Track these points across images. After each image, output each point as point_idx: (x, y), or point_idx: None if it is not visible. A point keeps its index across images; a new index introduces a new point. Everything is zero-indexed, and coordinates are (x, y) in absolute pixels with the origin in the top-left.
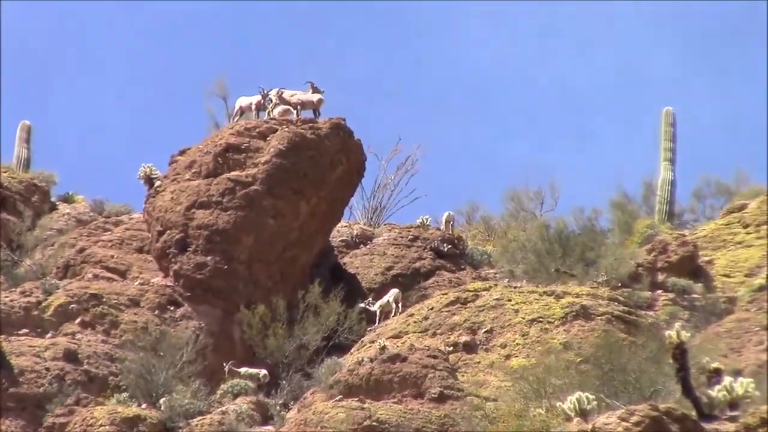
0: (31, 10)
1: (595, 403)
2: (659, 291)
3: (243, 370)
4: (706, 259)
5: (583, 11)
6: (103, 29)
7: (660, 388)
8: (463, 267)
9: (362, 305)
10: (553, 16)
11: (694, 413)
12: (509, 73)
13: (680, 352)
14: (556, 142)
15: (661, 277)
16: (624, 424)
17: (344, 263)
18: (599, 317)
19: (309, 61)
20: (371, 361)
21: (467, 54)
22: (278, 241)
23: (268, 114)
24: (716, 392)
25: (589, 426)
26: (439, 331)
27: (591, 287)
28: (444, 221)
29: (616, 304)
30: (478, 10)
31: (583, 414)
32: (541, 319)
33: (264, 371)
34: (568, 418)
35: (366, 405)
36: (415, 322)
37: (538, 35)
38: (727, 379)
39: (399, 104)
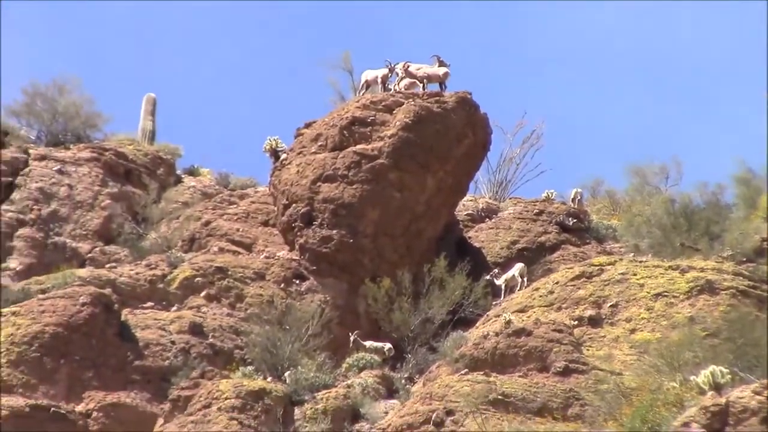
0: None
1: (729, 377)
2: None
3: (368, 343)
4: None
5: None
6: (230, 2)
7: None
8: (588, 241)
9: (488, 277)
10: None
11: None
12: (633, 40)
13: None
14: (681, 115)
15: None
16: (758, 397)
17: (469, 237)
18: (724, 291)
19: (435, 35)
20: (496, 335)
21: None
22: (404, 214)
23: (395, 87)
24: None
25: (724, 399)
26: (564, 306)
27: (716, 261)
28: (571, 198)
29: (741, 278)
30: None
31: (717, 388)
32: (666, 294)
33: (389, 345)
34: (702, 392)
35: (491, 379)
36: (540, 296)
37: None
38: None
39: (524, 77)
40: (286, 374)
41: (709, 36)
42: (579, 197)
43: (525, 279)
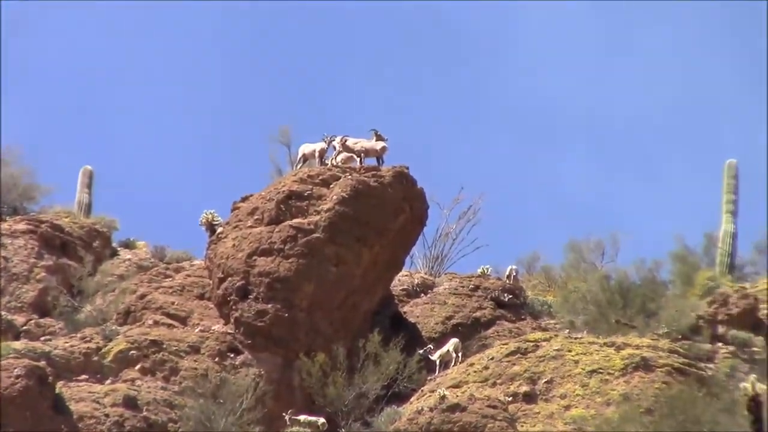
0: (92, 53)
1: None
2: (719, 343)
3: (302, 417)
4: (767, 312)
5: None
6: (166, 73)
7: None
8: (523, 317)
9: (421, 352)
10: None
11: None
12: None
13: (755, 404)
14: (619, 187)
15: (721, 329)
16: None
17: (405, 312)
18: (659, 369)
19: (372, 108)
20: (431, 410)
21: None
22: (340, 288)
23: (332, 161)
24: None
25: None
26: (499, 381)
27: (651, 339)
28: (507, 275)
29: (677, 356)
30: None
31: None
32: (601, 370)
33: (323, 419)
34: None
35: None
36: (475, 371)
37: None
38: None
39: (462, 148)
40: None
41: (651, 98)
42: (515, 274)
43: (460, 354)
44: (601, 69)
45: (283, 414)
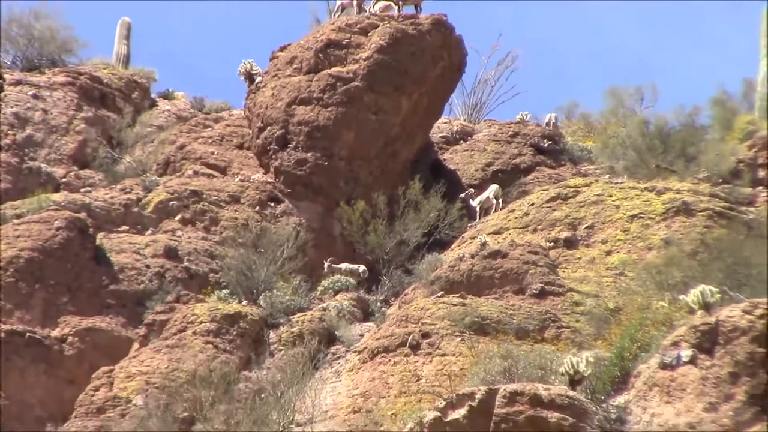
0: None
1: (719, 296)
2: (760, 187)
3: (343, 265)
4: None
5: None
6: None
7: None
8: (563, 163)
9: (462, 196)
10: None
11: None
12: None
13: None
14: (658, 36)
15: (761, 173)
16: (748, 317)
17: (444, 159)
18: (700, 213)
19: None
20: (472, 257)
21: None
22: (379, 137)
23: (370, 9)
24: None
25: (713, 319)
26: (539, 227)
27: (692, 183)
28: (546, 122)
29: (717, 200)
30: None
31: (707, 307)
32: (642, 215)
33: (363, 267)
34: (692, 311)
35: (467, 301)
36: (515, 218)
37: None
38: None
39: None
40: (262, 297)
41: None
42: (554, 120)
43: (500, 201)
44: None
45: (323, 261)
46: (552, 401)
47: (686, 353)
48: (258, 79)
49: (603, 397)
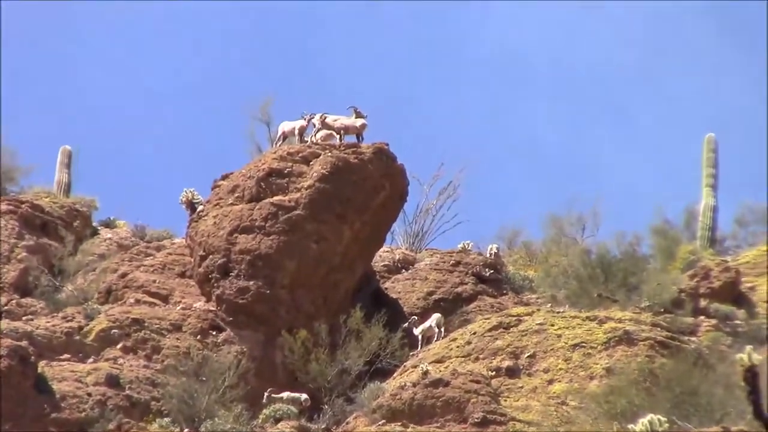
0: (73, 34)
1: (667, 425)
2: (702, 317)
3: (285, 394)
4: (749, 285)
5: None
6: (144, 52)
7: (731, 411)
8: (505, 292)
9: (406, 325)
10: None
11: None
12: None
13: (751, 375)
14: (599, 155)
15: (703, 303)
16: None
17: (386, 288)
18: (642, 342)
19: (353, 86)
20: (414, 385)
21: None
22: (321, 265)
23: (312, 138)
24: None
25: None
26: (481, 356)
27: (634, 312)
28: (488, 253)
29: (659, 329)
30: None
31: None
32: (584, 344)
33: (305, 395)
34: None
35: (409, 430)
36: (457, 346)
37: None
38: None
39: (442, 125)
40: (203, 426)
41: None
42: (495, 251)
43: (442, 329)
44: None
45: (264, 392)
46: None
47: None
48: (200, 207)
49: None
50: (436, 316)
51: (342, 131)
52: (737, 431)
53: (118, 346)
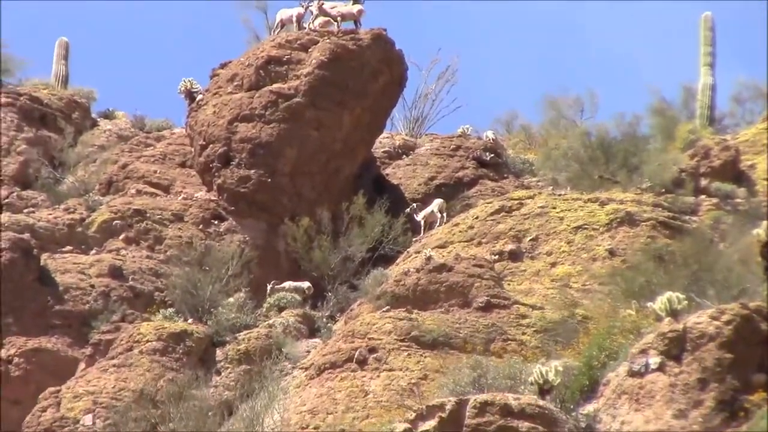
0: None
1: (686, 302)
2: (703, 196)
3: (288, 283)
4: (748, 163)
5: None
6: None
7: (748, 287)
8: (505, 176)
9: (407, 211)
10: None
11: None
12: None
13: None
14: (597, 37)
15: (704, 182)
16: (715, 323)
17: (387, 174)
18: (644, 223)
19: None
20: (417, 271)
21: None
22: (321, 153)
23: (310, 25)
24: None
25: (681, 326)
26: (484, 240)
27: (635, 193)
28: (484, 138)
29: (661, 209)
30: None
31: (674, 314)
32: (586, 226)
33: (308, 284)
34: (659, 319)
35: (413, 315)
36: (460, 231)
37: None
38: None
39: (437, 10)
40: (207, 315)
41: None
42: (492, 137)
43: (444, 215)
44: None
45: (267, 285)
46: (522, 411)
47: (654, 360)
48: (199, 97)
49: (572, 406)
50: (437, 201)
51: (339, 18)
52: (755, 306)
53: (121, 237)
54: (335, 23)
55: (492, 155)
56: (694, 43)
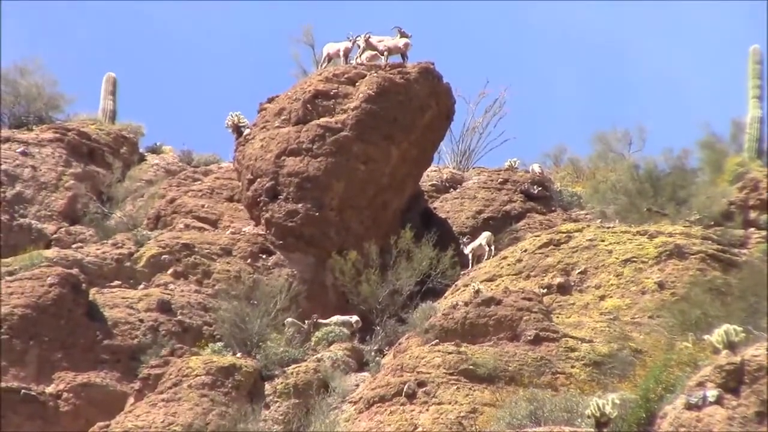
0: None
1: (743, 335)
2: (752, 229)
3: (335, 318)
4: None
5: None
6: None
7: None
8: (553, 209)
9: (461, 243)
10: None
11: None
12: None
13: None
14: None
15: (753, 214)
16: None
17: (435, 208)
18: (693, 256)
19: (397, 7)
20: (466, 304)
21: None
22: (369, 186)
23: (357, 59)
24: None
25: (738, 358)
26: (532, 273)
27: (684, 226)
28: (530, 171)
29: (710, 242)
30: None
31: (731, 346)
32: (635, 259)
33: (356, 317)
34: (716, 351)
35: (462, 348)
36: (508, 264)
37: None
38: None
39: (486, 46)
40: (256, 349)
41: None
42: (540, 170)
43: (492, 248)
44: None
45: (305, 322)
46: None
47: (712, 393)
48: (246, 131)
49: None
50: (485, 235)
51: (386, 52)
52: None
53: (169, 272)
54: (382, 57)
55: (540, 188)
56: (742, 74)
